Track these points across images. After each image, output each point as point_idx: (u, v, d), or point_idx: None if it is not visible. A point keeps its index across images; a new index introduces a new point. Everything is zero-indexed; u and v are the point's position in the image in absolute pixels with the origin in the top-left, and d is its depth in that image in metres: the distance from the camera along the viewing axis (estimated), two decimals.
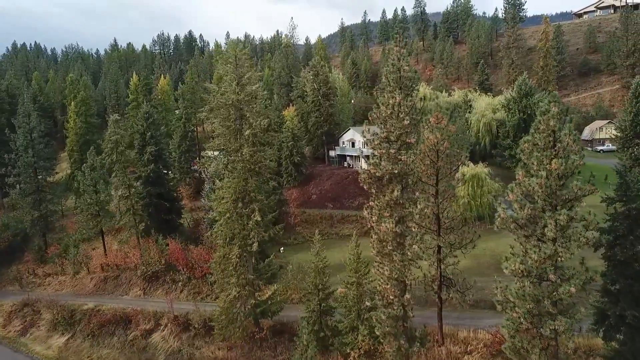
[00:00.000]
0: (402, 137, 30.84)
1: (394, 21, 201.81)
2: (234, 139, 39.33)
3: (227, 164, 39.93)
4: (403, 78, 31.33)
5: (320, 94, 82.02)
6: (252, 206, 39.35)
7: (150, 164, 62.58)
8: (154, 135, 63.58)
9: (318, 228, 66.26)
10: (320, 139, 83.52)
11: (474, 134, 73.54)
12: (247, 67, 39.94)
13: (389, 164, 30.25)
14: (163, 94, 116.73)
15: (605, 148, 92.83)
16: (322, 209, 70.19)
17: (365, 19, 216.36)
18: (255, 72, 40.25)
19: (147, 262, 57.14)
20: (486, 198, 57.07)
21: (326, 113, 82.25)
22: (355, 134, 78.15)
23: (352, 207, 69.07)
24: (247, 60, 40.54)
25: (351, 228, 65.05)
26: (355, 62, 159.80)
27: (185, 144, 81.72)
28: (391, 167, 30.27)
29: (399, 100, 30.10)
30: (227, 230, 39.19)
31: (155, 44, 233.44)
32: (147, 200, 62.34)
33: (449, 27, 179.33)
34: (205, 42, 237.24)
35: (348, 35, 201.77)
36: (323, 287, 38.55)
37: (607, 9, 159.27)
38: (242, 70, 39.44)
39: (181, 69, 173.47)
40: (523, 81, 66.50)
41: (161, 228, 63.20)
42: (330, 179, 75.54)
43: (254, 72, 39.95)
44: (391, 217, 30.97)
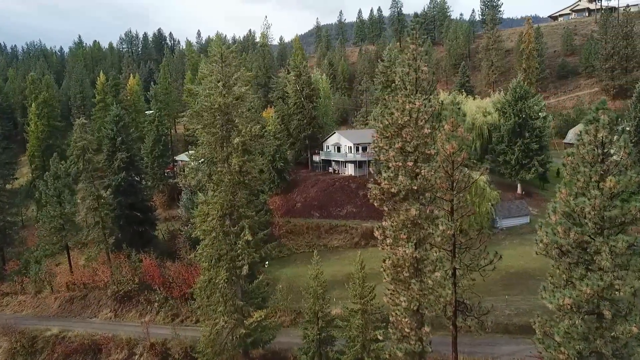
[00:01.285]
0: (420, 147, 26.91)
1: (370, 21, 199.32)
2: (221, 148, 34.72)
3: (211, 175, 35.25)
4: (421, 80, 27.41)
5: (303, 95, 77.78)
6: (241, 223, 34.81)
7: (121, 171, 57.16)
8: (125, 140, 58.20)
9: (305, 239, 62.37)
10: (303, 143, 79.27)
11: None
12: (235, 66, 35.38)
13: (406, 180, 26.25)
14: (133, 95, 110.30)
15: None
16: (308, 218, 65.93)
17: (341, 19, 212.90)
18: (245, 71, 35.69)
19: (119, 281, 51.74)
20: (485, 207, 53.92)
21: (309, 116, 78.07)
22: (341, 137, 74.21)
23: (340, 216, 65.07)
24: (235, 58, 35.97)
25: (340, 239, 61.23)
26: (332, 62, 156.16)
27: (159, 149, 76.22)
28: (409, 182, 26.29)
29: (419, 106, 26.14)
30: (212, 251, 34.52)
31: (123, 42, 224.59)
32: (118, 212, 57.00)
33: (426, 27, 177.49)
34: (176, 40, 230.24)
35: (324, 35, 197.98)
36: (323, 315, 34.34)
37: (582, 12, 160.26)
38: (229, 70, 34.87)
39: (151, 68, 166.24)
40: (518, 83, 63.86)
41: (133, 241, 57.91)
42: (315, 186, 71.33)
43: (243, 72, 35.40)
44: (409, 239, 27.00)
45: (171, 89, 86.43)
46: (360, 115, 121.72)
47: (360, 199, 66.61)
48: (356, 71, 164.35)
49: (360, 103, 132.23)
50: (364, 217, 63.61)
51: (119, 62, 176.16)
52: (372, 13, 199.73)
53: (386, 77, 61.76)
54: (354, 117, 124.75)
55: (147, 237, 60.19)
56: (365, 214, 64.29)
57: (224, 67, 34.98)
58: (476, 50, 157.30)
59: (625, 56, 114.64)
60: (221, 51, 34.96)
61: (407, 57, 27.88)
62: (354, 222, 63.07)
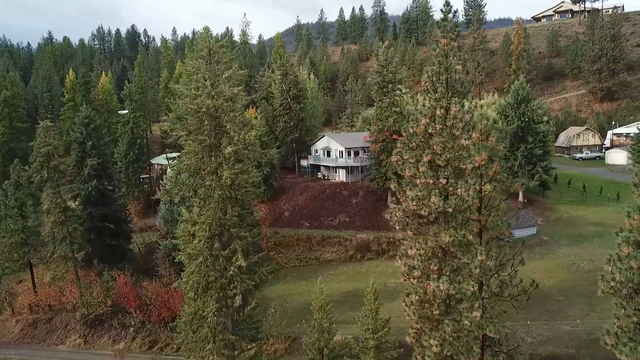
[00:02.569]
0: (453, 161, 22.55)
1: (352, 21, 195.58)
2: (209, 158, 29.76)
3: (197, 190, 30.27)
4: (453, 80, 23.05)
5: (289, 96, 72.99)
6: (232, 246, 29.90)
7: (91, 179, 51.40)
8: (96, 144, 52.49)
9: (295, 252, 57.81)
10: (290, 147, 74.50)
11: None
12: (225, 63, 30.46)
13: (439, 200, 21.84)
14: (104, 93, 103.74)
15: (585, 155, 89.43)
16: (297, 229, 61.20)
17: (322, 18, 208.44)
18: (237, 69, 30.79)
19: (89, 303, 46.19)
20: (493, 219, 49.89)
21: (296, 117, 73.33)
22: (331, 141, 69.69)
23: (332, 227, 60.52)
24: (225, 54, 31.05)
25: (334, 252, 56.72)
26: (313, 62, 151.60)
27: (134, 153, 70.42)
28: (443, 204, 21.90)
29: (455, 112, 21.77)
30: (199, 278, 29.53)
31: (95, 39, 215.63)
32: (88, 224, 51.27)
33: (409, 27, 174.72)
34: (151, 37, 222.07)
35: (305, 34, 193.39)
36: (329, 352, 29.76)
37: (565, 13, 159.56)
38: (220, 68, 29.93)
39: (124, 66, 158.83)
40: (520, 85, 60.41)
41: (106, 257, 52.29)
42: (304, 193, 66.60)
43: (235, 69, 30.49)
44: (440, 271, 22.63)
45: (147, 88, 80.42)
46: (345, 116, 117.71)
47: (353, 208, 62.26)
48: (338, 71, 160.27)
49: (344, 104, 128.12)
50: (358, 227, 59.25)
51: (90, 59, 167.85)
52: (354, 12, 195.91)
53: (382, 78, 57.47)
54: (339, 119, 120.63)
55: (121, 251, 54.56)
56: (359, 223, 59.96)
57: (213, 64, 30.05)
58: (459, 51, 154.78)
59: (613, 58, 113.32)
60: (209, 45, 30.01)
61: (437, 53, 23.46)
62: (347, 232, 58.62)
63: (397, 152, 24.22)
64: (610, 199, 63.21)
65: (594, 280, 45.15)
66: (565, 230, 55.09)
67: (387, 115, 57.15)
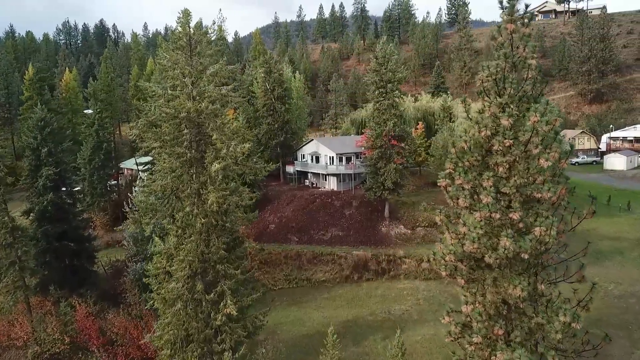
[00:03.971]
0: (525, 188, 16.81)
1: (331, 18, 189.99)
2: (190, 176, 23.36)
3: (175, 216, 23.86)
4: (523, 81, 17.29)
5: (274, 96, 66.59)
6: (220, 287, 23.62)
7: (47, 192, 44.10)
8: (53, 151, 45.17)
9: (283, 272, 51.46)
10: (274, 151, 68.10)
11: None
12: (211, 56, 24.07)
13: (510, 243, 16.00)
14: (69, 91, 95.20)
15: (581, 160, 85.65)
16: (284, 244, 54.95)
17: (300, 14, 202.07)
18: (224, 64, 24.41)
19: (42, 340, 38.87)
20: None
21: (281, 120, 66.98)
22: (320, 146, 63.61)
23: (323, 241, 54.47)
24: (210, 46, 24.67)
25: (327, 271, 50.58)
26: (293, 60, 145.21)
27: (99, 158, 62.90)
28: (514, 246, 16.09)
29: (534, 122, 16.02)
30: (177, 331, 23.11)
31: (60, 34, 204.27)
32: (44, 245, 44.03)
33: (391, 25, 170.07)
34: (120, 33, 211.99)
35: (283, 31, 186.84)
36: None
37: (549, 13, 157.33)
38: (203, 62, 23.54)
39: (91, 62, 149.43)
40: None
41: (65, 281, 45.04)
42: (291, 203, 60.35)
43: (223, 64, 24.12)
44: (508, 337, 16.87)
45: (114, 86, 72.81)
46: (329, 117, 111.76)
47: (346, 220, 56.34)
48: (319, 70, 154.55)
49: (326, 104, 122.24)
50: (353, 243, 53.38)
51: (55, 54, 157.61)
52: (334, 10, 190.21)
53: (380, 77, 51.69)
54: (321, 120, 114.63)
55: (84, 273, 47.35)
56: (353, 238, 54.09)
57: (194, 56, 23.65)
58: (444, 51, 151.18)
59: (602, 59, 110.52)
60: (189, 34, 23.57)
61: (499, 42, 17.64)
62: (341, 248, 52.69)
63: (445, 175, 18.32)
64: (621, 208, 59.02)
65: (627, 307, 40.44)
66: (581, 246, 50.28)
67: (386, 118, 51.44)
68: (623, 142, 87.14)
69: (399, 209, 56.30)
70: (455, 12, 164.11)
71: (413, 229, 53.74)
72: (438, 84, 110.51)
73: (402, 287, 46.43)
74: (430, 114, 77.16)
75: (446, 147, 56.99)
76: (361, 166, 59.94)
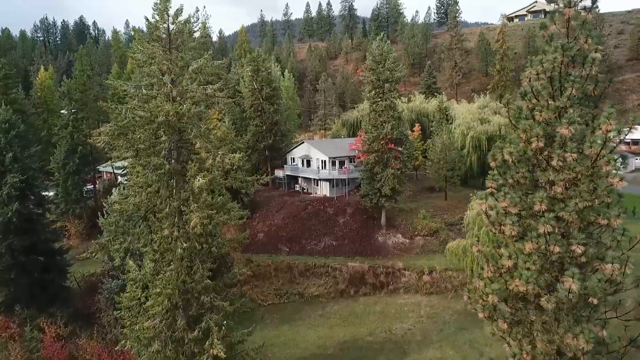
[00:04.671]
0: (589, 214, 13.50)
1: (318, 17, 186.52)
2: (168, 192, 19.64)
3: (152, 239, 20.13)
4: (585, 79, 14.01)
5: (262, 96, 62.85)
6: (204, 323, 19.95)
7: (12, 202, 39.81)
8: (19, 157, 40.87)
9: (273, 285, 47.85)
10: (263, 155, 64.36)
11: (456, 150, 58.56)
12: (194, 49, 20.38)
13: (576, 283, 12.60)
14: (44, 90, 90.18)
15: None
16: (274, 255, 51.31)
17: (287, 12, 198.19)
18: (209, 59, 20.72)
19: None
20: None
21: (270, 121, 63.27)
22: (311, 149, 60.04)
23: (316, 252, 50.94)
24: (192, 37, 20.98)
25: (321, 285, 47.07)
26: (279, 59, 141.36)
27: (74, 162, 58.47)
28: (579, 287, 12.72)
29: (605, 131, 12.79)
30: None
31: (38, 30, 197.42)
32: (9, 260, 39.78)
33: (379, 24, 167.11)
34: (101, 30, 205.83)
35: (269, 29, 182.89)
36: None
37: (538, 13, 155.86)
38: (185, 56, 19.85)
39: (70, 60, 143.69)
40: None
41: (34, 298, 40.87)
42: (281, 210, 56.69)
43: (208, 58, 20.44)
44: None
45: (91, 85, 68.28)
46: (317, 118, 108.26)
47: (340, 229, 52.87)
48: (306, 69, 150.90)
49: (315, 105, 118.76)
50: (348, 253, 49.94)
51: (32, 52, 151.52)
52: (321, 8, 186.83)
53: (377, 76, 48.33)
54: (310, 121, 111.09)
55: (54, 290, 43.11)
56: (348, 248, 50.65)
57: (173, 50, 19.96)
58: (434, 50, 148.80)
59: None
60: (168, 22, 19.87)
61: (552, 32, 14.31)
62: (335, 259, 49.22)
63: (486, 195, 14.88)
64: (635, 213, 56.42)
65: None
66: None
67: (383, 120, 48.09)
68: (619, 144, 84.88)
69: (396, 217, 53.01)
70: (444, 12, 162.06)
71: (411, 238, 50.49)
72: (429, 84, 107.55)
73: (403, 302, 43.11)
74: (424, 115, 74.17)
75: (445, 150, 53.99)
76: (355, 171, 56.59)
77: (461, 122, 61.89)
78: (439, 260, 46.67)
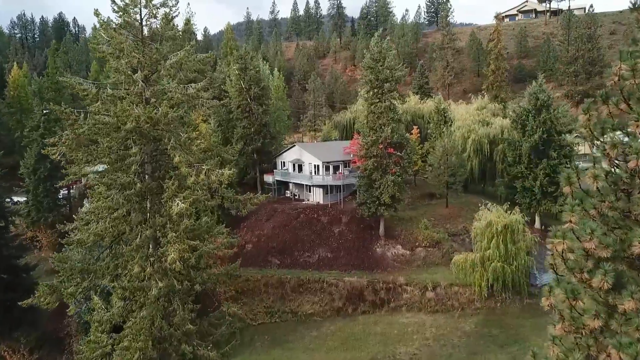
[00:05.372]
0: None
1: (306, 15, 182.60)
2: (140, 219, 15.72)
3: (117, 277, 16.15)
4: None
5: (249, 95, 58.86)
6: None
7: None
8: None
9: (263, 303, 44.11)
10: (251, 158, 60.30)
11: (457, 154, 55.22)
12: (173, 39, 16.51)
13: None
14: (17, 89, 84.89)
15: None
16: (264, 269, 47.42)
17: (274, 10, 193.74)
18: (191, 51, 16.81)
19: None
20: (522, 259, 38.59)
21: (258, 122, 59.26)
22: (303, 153, 56.21)
23: (309, 265, 47.17)
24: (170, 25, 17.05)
25: (316, 302, 43.35)
26: (266, 57, 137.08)
27: (45, 167, 53.87)
28: None
29: None
30: None
31: (15, 27, 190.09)
32: None
33: (369, 23, 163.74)
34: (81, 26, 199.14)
35: (256, 27, 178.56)
36: None
37: (529, 13, 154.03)
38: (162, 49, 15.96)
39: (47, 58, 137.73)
40: (539, 87, 49.52)
41: None
42: (271, 219, 52.81)
43: (190, 50, 16.53)
44: None
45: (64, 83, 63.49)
46: (307, 119, 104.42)
47: (335, 239, 49.17)
48: (294, 68, 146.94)
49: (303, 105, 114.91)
50: (345, 267, 46.25)
51: (6, 48, 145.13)
52: (308, 6, 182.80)
53: (375, 75, 44.73)
54: (299, 121, 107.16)
55: (19, 311, 38.55)
56: (344, 261, 46.95)
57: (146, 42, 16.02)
58: (424, 50, 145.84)
59: (590, 60, 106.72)
60: (140, 4, 15.92)
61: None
62: (331, 274, 45.49)
63: (563, 233, 11.21)
64: None
65: None
66: None
67: (382, 123, 44.51)
68: None
69: (395, 226, 49.47)
70: (434, 11, 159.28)
71: (412, 250, 46.99)
72: (422, 84, 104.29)
73: (406, 322, 39.51)
74: (419, 116, 70.72)
75: (446, 154, 50.59)
76: (351, 176, 52.98)
77: (461, 125, 58.62)
78: (444, 275, 43.22)
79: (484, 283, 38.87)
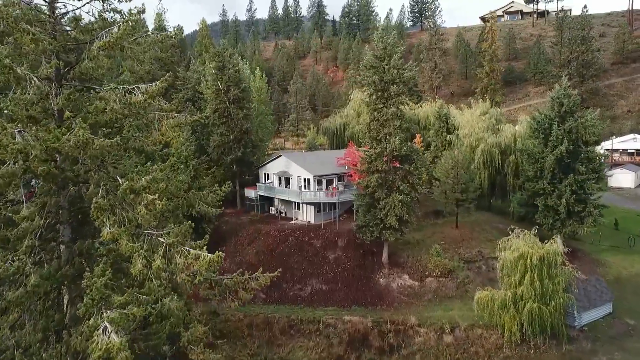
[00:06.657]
0: None
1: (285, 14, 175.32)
2: (40, 337, 8.09)
3: None
4: None
5: (228, 98, 51.33)
6: None
7: None
8: None
9: (247, 349, 36.52)
10: (230, 170, 52.75)
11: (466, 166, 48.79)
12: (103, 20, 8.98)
13: None
14: None
15: None
16: (247, 304, 39.70)
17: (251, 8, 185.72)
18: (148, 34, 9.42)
19: None
20: (560, 297, 32.12)
21: (239, 129, 51.77)
22: (290, 164, 48.90)
23: (301, 300, 39.91)
24: None
25: (311, 348, 35.98)
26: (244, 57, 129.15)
27: None
28: None
29: None
30: None
31: None
32: None
33: (350, 22, 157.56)
34: None
35: (232, 26, 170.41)
36: None
37: (515, 14, 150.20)
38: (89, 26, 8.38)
39: None
40: (564, 91, 43.39)
41: None
42: (254, 243, 45.38)
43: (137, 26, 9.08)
44: None
45: None
46: (289, 123, 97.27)
47: (331, 267, 42.04)
48: (273, 69, 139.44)
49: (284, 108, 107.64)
50: (343, 301, 39.11)
51: None
52: (287, 4, 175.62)
53: (379, 76, 37.83)
54: (280, 126, 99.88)
55: None
56: (342, 294, 39.81)
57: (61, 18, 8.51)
58: (409, 51, 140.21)
59: (584, 62, 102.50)
60: None
61: None
62: (327, 311, 38.31)
63: None
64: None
65: None
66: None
67: (388, 132, 37.62)
68: (622, 155, 78.13)
69: (400, 251, 42.66)
70: (418, 11, 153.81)
71: (422, 280, 40.21)
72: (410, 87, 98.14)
73: None
74: (415, 122, 64.27)
75: (457, 168, 44.02)
76: (346, 192, 46.00)
77: (468, 133, 52.25)
78: (461, 312, 36.55)
79: (516, 327, 32.27)
